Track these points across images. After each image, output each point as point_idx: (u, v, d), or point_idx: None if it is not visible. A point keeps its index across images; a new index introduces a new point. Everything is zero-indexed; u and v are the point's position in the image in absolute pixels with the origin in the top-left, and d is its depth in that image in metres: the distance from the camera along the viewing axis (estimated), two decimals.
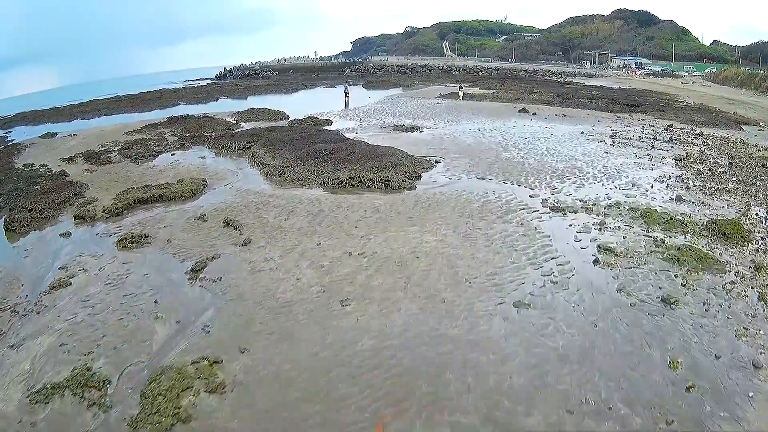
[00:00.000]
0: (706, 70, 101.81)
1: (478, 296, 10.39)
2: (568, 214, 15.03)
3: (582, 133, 29.59)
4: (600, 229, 13.69)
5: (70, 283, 11.93)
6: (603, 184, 18.43)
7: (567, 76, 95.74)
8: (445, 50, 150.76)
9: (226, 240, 14.10)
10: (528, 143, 26.08)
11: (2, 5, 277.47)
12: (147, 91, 69.84)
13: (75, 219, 16.73)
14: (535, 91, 52.55)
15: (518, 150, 24.25)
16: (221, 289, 11.23)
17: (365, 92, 62.30)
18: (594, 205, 15.77)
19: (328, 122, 34.99)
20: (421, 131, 30.48)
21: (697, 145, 26.86)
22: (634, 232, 13.47)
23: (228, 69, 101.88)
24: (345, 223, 14.72)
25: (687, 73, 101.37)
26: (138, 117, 44.38)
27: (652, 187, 18.12)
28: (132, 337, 9.53)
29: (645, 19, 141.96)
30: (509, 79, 78.44)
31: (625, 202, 16.07)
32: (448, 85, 69.78)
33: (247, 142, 26.44)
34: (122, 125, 37.46)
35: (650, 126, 33.63)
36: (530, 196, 16.85)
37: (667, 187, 18.19)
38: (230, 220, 15.30)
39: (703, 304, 9.90)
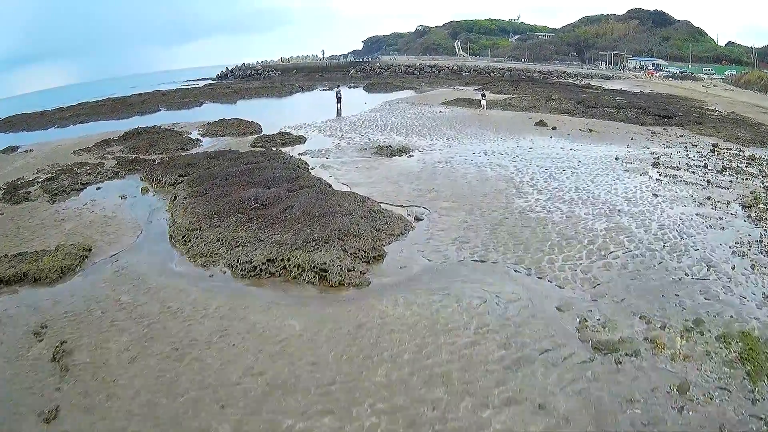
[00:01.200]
0: (726, 73, 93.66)
1: None
2: (624, 360, 8.04)
3: (617, 158, 22.42)
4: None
5: None
6: (666, 268, 11.38)
7: (583, 77, 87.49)
8: (456, 50, 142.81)
9: (32, 402, 7.70)
10: (550, 178, 19.10)
11: (15, 1, 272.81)
12: (138, 94, 63.81)
13: None
14: (554, 97, 44.84)
15: (537, 192, 17.23)
16: None
17: (364, 96, 55.28)
18: (665, 328, 8.80)
19: (300, 140, 28.29)
20: (411, 155, 23.58)
21: (756, 176, 19.97)
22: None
23: (230, 69, 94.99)
24: (206, 397, 7.57)
25: (706, 76, 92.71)
26: (106, 127, 38.17)
27: (733, 268, 11.24)
28: None
29: (660, 19, 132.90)
30: (523, 81, 70.44)
31: (707, 317, 9.16)
32: (456, 88, 62.29)
33: (179, 175, 19.98)
34: (80, 139, 31.69)
35: (692, 146, 26.47)
36: (559, 308, 9.63)
37: (753, 269, 11.21)
38: (65, 349, 8.96)
39: None
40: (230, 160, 21.22)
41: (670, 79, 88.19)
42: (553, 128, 30.81)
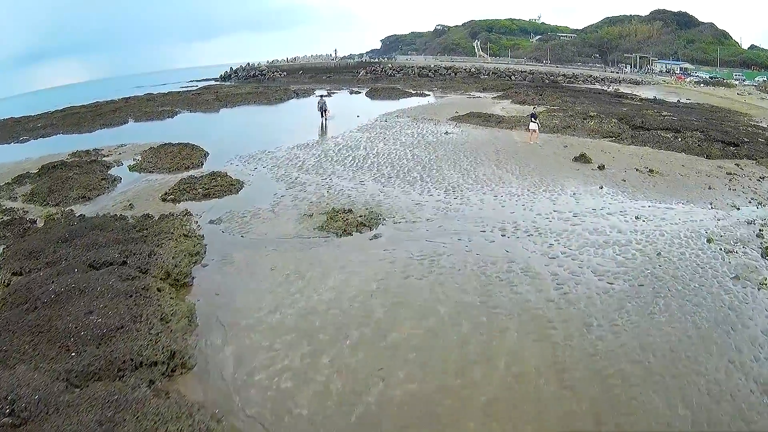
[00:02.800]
0: (757, 79, 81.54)
1: None
2: None
3: (709, 241, 12.83)
4: None
5: None
6: None
7: (610, 82, 76.07)
8: (476, 50, 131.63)
9: None
10: (630, 327, 9.04)
11: None
12: (123, 98, 55.82)
13: None
14: (591, 114, 33.91)
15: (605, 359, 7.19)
16: None
17: (364, 104, 45.45)
18: None
19: (234, 187, 19.40)
20: (377, 236, 13.89)
21: None
22: None
23: (234, 69, 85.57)
24: None
25: (738, 82, 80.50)
26: (59, 146, 29.66)
27: None
28: None
29: (684, 21, 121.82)
30: (548, 87, 59.50)
31: None
32: (473, 94, 51.88)
33: None
34: (7, 168, 23.43)
35: None
36: None
37: None
38: None
39: None
40: (83, 248, 11.80)
41: (701, 85, 76.51)
42: (600, 167, 20.63)
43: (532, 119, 26.28)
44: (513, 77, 78.20)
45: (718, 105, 48.46)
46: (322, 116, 33.60)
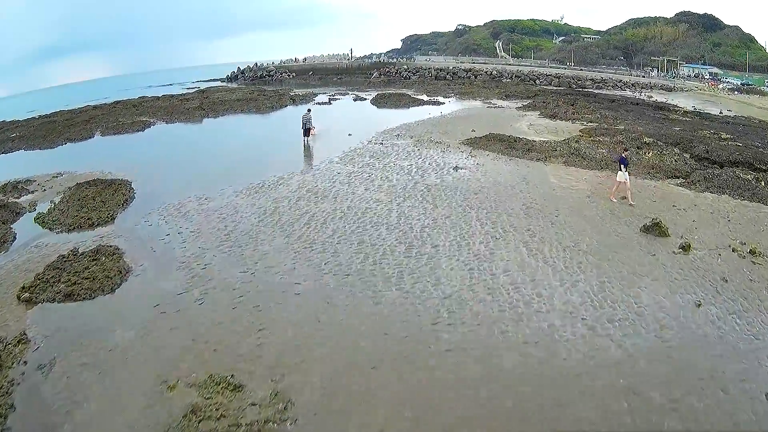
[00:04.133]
0: None
1: None
2: None
3: None
4: None
5: None
6: None
7: (641, 88, 66.75)
8: (498, 50, 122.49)
9: None
10: None
11: None
12: (113, 102, 49.72)
13: None
14: (646, 141, 24.73)
15: None
16: None
17: (365, 115, 37.35)
18: None
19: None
20: None
21: None
22: None
23: (241, 69, 78.25)
24: None
25: None
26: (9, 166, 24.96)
27: None
28: None
29: (710, 23, 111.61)
30: (579, 95, 50.54)
31: None
32: (494, 102, 43.40)
33: None
34: None
35: None
36: None
37: None
38: None
39: None
40: None
41: (736, 93, 66.63)
42: (683, 248, 12.49)
43: (622, 167, 16.28)
44: (537, 81, 69.14)
45: (765, 119, 39.50)
46: (305, 135, 26.01)
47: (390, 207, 15.47)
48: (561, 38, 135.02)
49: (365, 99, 46.43)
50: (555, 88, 62.23)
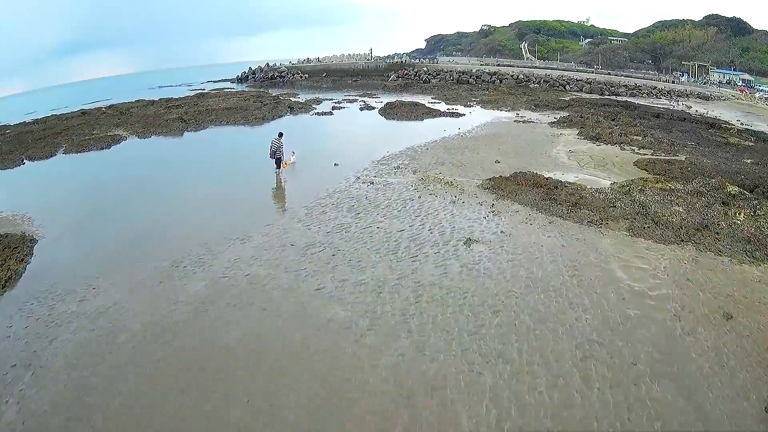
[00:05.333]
0: None
1: None
2: None
3: None
4: None
5: None
6: None
7: (677, 96, 57.71)
8: (523, 52, 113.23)
9: None
10: None
11: None
12: (100, 107, 44.37)
13: None
14: (730, 191, 16.91)
15: None
16: None
17: (366, 132, 30.16)
18: None
19: None
20: None
21: None
22: None
23: (252, 70, 71.41)
24: None
25: None
26: None
27: None
28: None
29: (739, 27, 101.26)
30: (618, 107, 42.06)
31: None
32: (523, 115, 35.44)
33: None
34: None
35: None
36: None
37: None
38: None
39: None
40: None
41: None
42: None
43: None
44: (567, 87, 60.47)
45: None
46: (277, 167, 18.95)
47: (342, 345, 8.23)
48: (588, 40, 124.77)
49: (374, 108, 38.96)
50: (587, 95, 53.65)
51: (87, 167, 23.30)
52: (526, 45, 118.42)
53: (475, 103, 43.19)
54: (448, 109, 38.56)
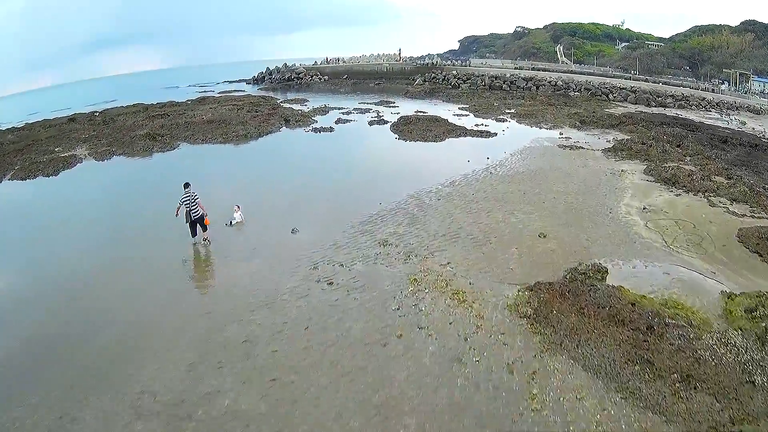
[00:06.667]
0: None
1: None
2: None
3: None
4: None
5: None
6: None
7: (727, 109, 47.21)
8: (558, 55, 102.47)
9: None
10: None
11: None
12: (91, 112, 39.16)
13: None
14: None
15: None
16: None
17: (369, 158, 21.98)
18: None
19: None
20: None
21: None
22: None
23: (269, 71, 64.16)
24: None
25: None
26: None
27: None
28: None
29: None
30: (683, 129, 32.14)
31: None
32: (566, 136, 26.46)
33: None
34: None
35: None
36: None
37: None
38: None
39: None
40: None
41: None
42: None
43: None
44: (611, 96, 50.70)
45: None
46: (194, 233, 11.39)
47: None
48: (624, 44, 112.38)
49: (386, 122, 30.84)
50: (633, 106, 44.08)
51: (20, 205, 16.67)
52: (561, 48, 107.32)
53: (509, 116, 34.54)
54: (476, 125, 30.17)
